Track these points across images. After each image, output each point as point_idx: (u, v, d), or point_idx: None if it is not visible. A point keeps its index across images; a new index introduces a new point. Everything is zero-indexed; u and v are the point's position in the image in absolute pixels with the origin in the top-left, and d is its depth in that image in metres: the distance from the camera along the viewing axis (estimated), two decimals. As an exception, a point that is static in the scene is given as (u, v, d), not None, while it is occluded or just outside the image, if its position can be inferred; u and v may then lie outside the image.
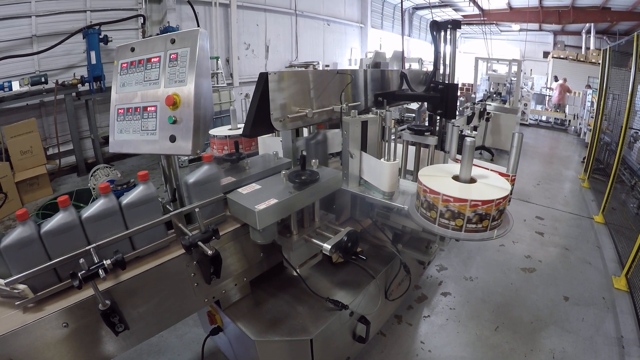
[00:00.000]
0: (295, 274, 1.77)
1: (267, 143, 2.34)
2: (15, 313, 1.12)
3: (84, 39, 5.76)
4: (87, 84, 5.75)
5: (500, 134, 7.04)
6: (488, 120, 6.54)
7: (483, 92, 7.58)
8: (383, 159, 1.67)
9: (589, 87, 11.52)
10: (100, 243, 1.22)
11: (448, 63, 2.52)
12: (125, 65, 1.47)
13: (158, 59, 1.40)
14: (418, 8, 17.17)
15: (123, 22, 6.41)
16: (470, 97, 5.87)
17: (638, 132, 5.61)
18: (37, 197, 4.97)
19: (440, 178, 1.53)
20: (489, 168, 1.70)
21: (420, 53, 16.17)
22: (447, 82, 2.48)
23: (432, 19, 2.65)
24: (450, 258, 3.56)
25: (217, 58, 7.58)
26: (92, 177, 2.52)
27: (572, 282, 3.25)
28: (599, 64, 6.32)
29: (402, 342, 2.52)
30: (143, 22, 6.64)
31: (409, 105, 4.60)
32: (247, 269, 1.73)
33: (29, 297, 1.11)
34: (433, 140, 1.85)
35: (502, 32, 18.67)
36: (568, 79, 12.76)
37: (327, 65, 10.83)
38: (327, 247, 1.59)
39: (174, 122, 1.34)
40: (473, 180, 1.52)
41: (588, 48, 15.31)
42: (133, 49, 1.47)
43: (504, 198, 1.39)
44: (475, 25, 17.13)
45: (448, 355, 2.43)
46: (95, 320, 1.19)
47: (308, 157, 1.79)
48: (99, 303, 1.14)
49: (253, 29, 9.28)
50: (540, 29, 17.21)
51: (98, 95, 5.88)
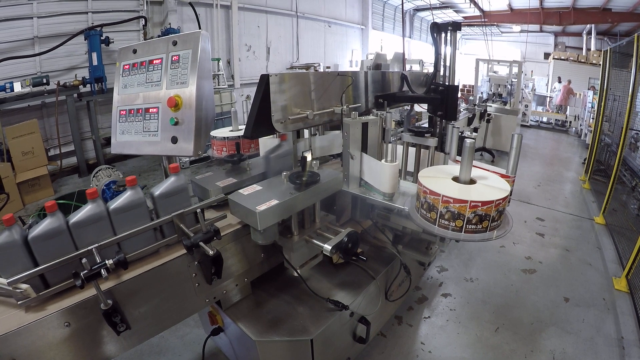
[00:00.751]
0: (296, 275, 1.77)
1: (268, 145, 2.34)
2: (18, 312, 1.13)
3: (86, 41, 5.79)
4: (88, 85, 5.78)
5: (501, 136, 7.05)
6: (489, 122, 6.55)
7: (479, 95, 7.58)
8: (383, 160, 1.68)
9: (594, 88, 11.52)
10: (103, 243, 1.23)
11: (448, 65, 2.53)
12: (128, 67, 1.49)
13: (160, 61, 1.42)
14: (419, 9, 17.20)
15: (124, 23, 6.44)
16: (469, 99, 5.87)
17: (639, 133, 5.61)
18: (38, 197, 4.98)
19: (440, 179, 1.54)
20: (489, 169, 1.70)
21: (421, 54, 16.19)
22: (447, 83, 2.49)
23: (432, 21, 2.65)
24: (451, 259, 3.56)
25: (218, 60, 7.61)
26: (94, 177, 2.53)
27: (572, 283, 3.25)
28: (600, 65, 6.32)
29: (402, 343, 2.53)
30: (144, 23, 6.67)
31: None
32: (248, 270, 1.73)
33: (31, 296, 1.12)
34: (433, 142, 1.86)
35: (502, 33, 18.67)
36: (564, 81, 12.78)
37: (328, 67, 10.84)
38: (327, 247, 1.60)
39: (176, 123, 1.36)
40: (473, 182, 1.53)
41: (589, 49, 15.30)
42: (135, 51, 1.48)
43: (504, 199, 1.40)
44: (476, 27, 17.15)
45: (448, 356, 2.43)
46: (97, 320, 1.20)
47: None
48: (101, 303, 1.15)
49: (254, 31, 9.31)
50: (541, 30, 17.21)
51: (99, 97, 5.91)
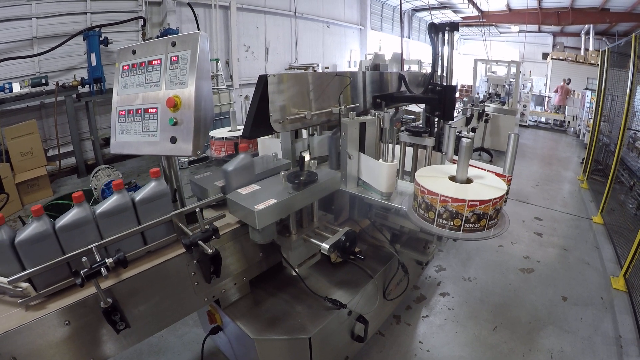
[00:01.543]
0: (294, 274, 1.78)
1: (266, 144, 2.36)
2: (18, 311, 1.14)
3: (85, 41, 5.79)
4: (87, 86, 5.77)
5: (500, 136, 7.06)
6: (487, 122, 6.57)
7: (476, 95, 7.59)
8: (381, 160, 1.69)
9: (588, 89, 11.52)
10: (103, 242, 1.24)
11: (446, 65, 2.54)
12: (127, 68, 1.50)
13: (159, 62, 1.43)
14: (417, 10, 17.21)
15: (123, 24, 6.43)
16: (463, 100, 5.89)
17: (637, 133, 5.64)
18: (37, 198, 4.98)
19: (437, 179, 1.55)
20: (486, 169, 1.71)
21: (420, 55, 16.18)
22: (445, 83, 2.50)
23: (431, 21, 2.66)
24: (449, 259, 3.58)
25: (217, 60, 7.61)
26: (93, 177, 2.53)
27: (570, 282, 3.27)
28: (598, 65, 6.34)
29: (400, 342, 2.54)
30: (143, 24, 6.66)
31: (408, 107, 4.63)
32: (246, 269, 1.74)
33: (32, 295, 1.13)
34: (430, 142, 1.87)
35: (501, 33, 18.70)
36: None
37: (326, 67, 10.78)
38: (325, 246, 1.61)
39: (175, 123, 1.37)
40: (469, 181, 1.54)
41: (587, 49, 15.32)
42: (134, 52, 1.49)
43: (500, 198, 1.41)
44: (475, 27, 17.17)
45: (446, 355, 2.44)
46: (97, 319, 1.21)
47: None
48: (101, 301, 1.16)
49: (253, 31, 9.31)
50: (540, 31, 17.24)
51: (98, 97, 5.91)
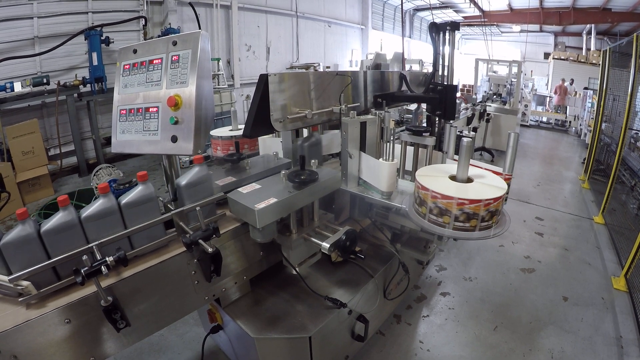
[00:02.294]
0: (295, 273, 1.78)
1: (267, 144, 2.36)
2: (19, 309, 1.14)
3: (86, 41, 5.80)
4: (88, 85, 5.79)
5: (501, 135, 7.06)
6: (488, 122, 6.56)
7: (477, 94, 7.59)
8: (382, 159, 1.69)
9: (587, 89, 11.50)
10: (103, 240, 1.24)
11: (447, 64, 2.54)
12: (128, 67, 1.50)
13: (160, 61, 1.43)
14: (419, 9, 17.20)
15: (124, 23, 6.45)
16: (471, 97, 5.88)
17: (638, 133, 5.62)
18: (38, 197, 4.99)
19: (438, 178, 1.55)
20: (486, 168, 1.71)
21: (421, 54, 16.19)
22: (446, 83, 2.50)
23: (432, 21, 2.66)
24: (450, 258, 3.57)
25: (218, 59, 7.61)
26: (94, 176, 2.54)
27: (571, 282, 3.26)
28: (600, 65, 6.33)
29: (401, 341, 2.54)
30: (144, 23, 6.68)
31: (409, 106, 4.63)
32: (247, 268, 1.75)
33: (32, 293, 1.13)
34: (431, 141, 1.87)
35: (502, 33, 18.68)
36: (567, 80, 12.76)
37: (327, 67, 10.85)
38: (325, 245, 1.61)
39: (176, 122, 1.37)
40: (470, 180, 1.54)
41: (589, 49, 15.31)
42: (135, 51, 1.49)
43: (501, 197, 1.41)
44: (476, 27, 17.15)
45: (447, 355, 2.44)
46: (97, 317, 1.21)
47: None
48: (101, 299, 1.16)
49: (254, 31, 9.32)
50: (541, 30, 17.22)
51: (99, 97, 5.92)
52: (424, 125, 2.41)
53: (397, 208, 1.70)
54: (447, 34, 2.45)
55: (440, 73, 2.53)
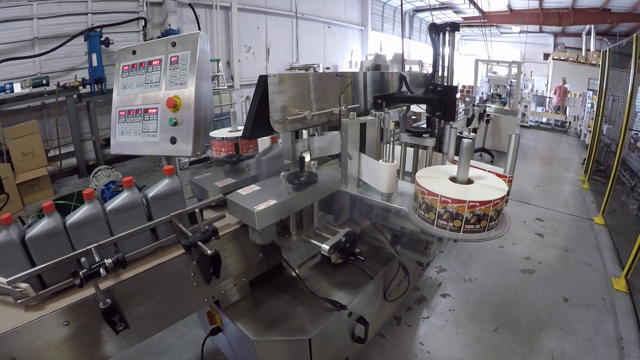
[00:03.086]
0: (294, 275, 1.78)
1: (266, 145, 2.35)
2: (17, 311, 1.13)
3: (85, 42, 5.81)
4: (88, 86, 5.79)
5: (501, 136, 7.06)
6: (488, 123, 6.55)
7: (479, 95, 7.58)
8: (382, 161, 1.69)
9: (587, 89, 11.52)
10: (102, 243, 1.23)
11: (447, 65, 2.54)
12: (127, 68, 1.50)
13: (159, 62, 1.43)
14: (418, 10, 17.22)
15: (124, 24, 6.45)
16: (465, 101, 5.88)
17: (638, 133, 5.62)
18: (38, 198, 4.99)
19: (438, 179, 1.54)
20: (486, 169, 1.71)
21: (421, 55, 16.19)
22: (446, 84, 2.50)
23: (431, 22, 2.66)
24: (450, 260, 3.57)
25: (217, 60, 7.62)
26: (93, 178, 2.53)
27: (571, 283, 3.26)
28: (599, 66, 6.33)
29: (401, 343, 2.53)
30: (144, 24, 6.68)
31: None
32: (246, 269, 1.74)
33: (31, 295, 1.13)
34: (431, 142, 1.87)
35: (502, 34, 18.70)
36: (568, 81, 12.77)
37: (327, 68, 10.86)
38: (325, 247, 1.60)
39: (175, 124, 1.37)
40: (470, 181, 1.53)
41: (588, 50, 15.32)
42: (134, 52, 1.49)
43: (501, 198, 1.41)
44: (476, 27, 17.17)
45: (447, 356, 2.43)
46: (96, 319, 1.21)
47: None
48: (100, 302, 1.16)
49: (254, 32, 9.32)
50: (541, 31, 17.23)
51: (99, 98, 5.92)
52: (424, 127, 2.40)
53: (397, 209, 1.69)
54: (446, 35, 2.44)
55: (440, 74, 2.52)
